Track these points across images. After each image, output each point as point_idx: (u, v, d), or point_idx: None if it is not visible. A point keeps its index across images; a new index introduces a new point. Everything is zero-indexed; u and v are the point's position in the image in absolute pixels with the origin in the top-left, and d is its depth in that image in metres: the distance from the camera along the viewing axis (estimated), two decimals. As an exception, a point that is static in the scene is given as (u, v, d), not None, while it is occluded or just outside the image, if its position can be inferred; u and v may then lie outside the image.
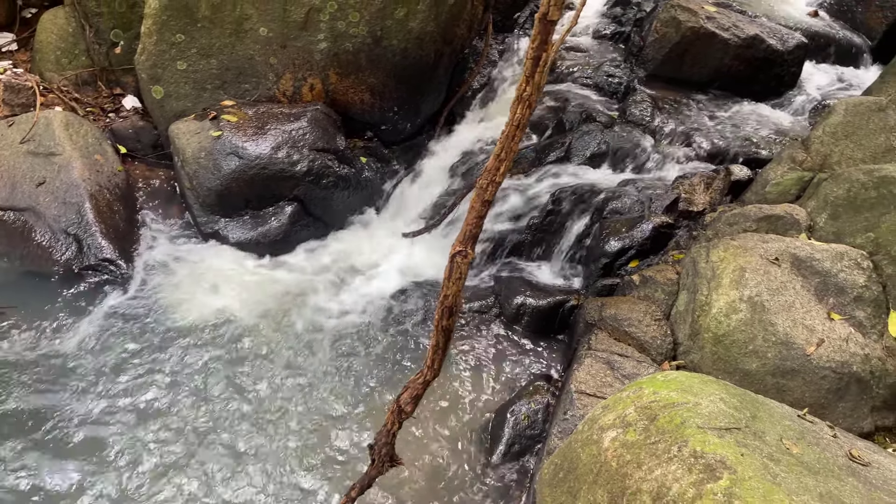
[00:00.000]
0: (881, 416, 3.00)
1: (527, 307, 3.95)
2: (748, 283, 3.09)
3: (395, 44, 4.37)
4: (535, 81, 1.65)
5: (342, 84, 4.50)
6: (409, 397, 2.27)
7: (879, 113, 3.84)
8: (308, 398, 3.40)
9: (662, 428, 1.89)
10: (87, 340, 3.50)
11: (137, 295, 3.80)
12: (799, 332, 2.96)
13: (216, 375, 3.44)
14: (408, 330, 3.89)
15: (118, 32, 4.72)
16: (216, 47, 4.29)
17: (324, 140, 4.30)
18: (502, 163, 1.83)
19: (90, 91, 4.77)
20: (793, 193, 3.79)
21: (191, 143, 4.18)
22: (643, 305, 3.50)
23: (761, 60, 4.96)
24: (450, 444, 3.28)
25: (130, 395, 3.27)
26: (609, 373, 3.18)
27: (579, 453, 2.13)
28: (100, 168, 4.15)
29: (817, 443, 2.00)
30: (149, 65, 4.31)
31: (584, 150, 4.54)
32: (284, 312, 3.85)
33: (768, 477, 1.62)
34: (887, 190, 3.29)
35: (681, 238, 3.96)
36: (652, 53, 5.13)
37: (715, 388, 2.07)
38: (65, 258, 3.82)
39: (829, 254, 3.17)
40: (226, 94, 4.43)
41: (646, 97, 4.82)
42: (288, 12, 4.23)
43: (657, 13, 5.16)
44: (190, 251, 4.14)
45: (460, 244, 1.98)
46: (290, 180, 4.19)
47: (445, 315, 2.10)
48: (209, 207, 4.21)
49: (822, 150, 3.82)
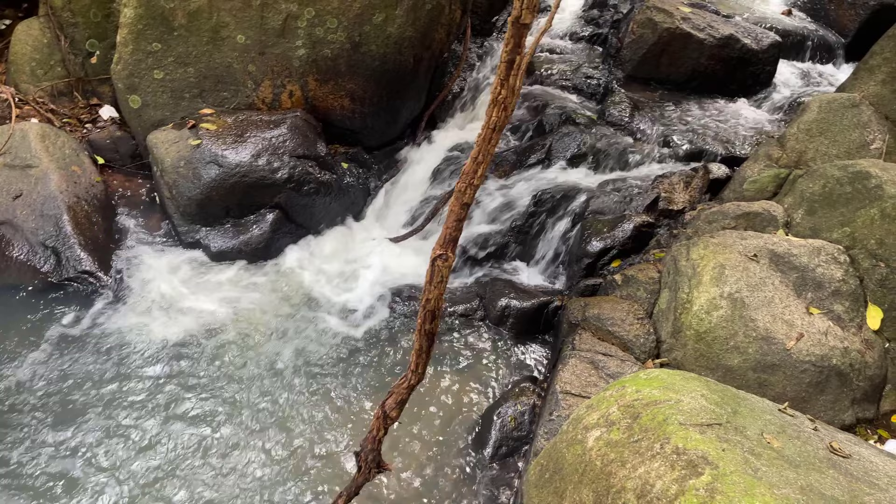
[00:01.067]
0: (862, 408, 3.04)
1: (511, 309, 3.96)
2: (728, 279, 3.12)
3: (374, 49, 4.37)
4: (510, 84, 1.66)
5: (322, 90, 4.49)
6: (393, 402, 2.27)
7: (853, 109, 3.90)
8: (292, 406, 3.38)
9: (645, 426, 1.90)
10: (65, 354, 3.46)
11: (117, 306, 3.76)
12: (779, 327, 2.99)
13: (197, 386, 3.41)
14: (392, 334, 3.89)
15: (94, 42, 4.68)
16: (193, 55, 4.27)
17: (304, 147, 4.29)
18: (479, 166, 1.84)
19: (66, 102, 4.73)
20: (770, 190, 3.83)
21: (170, 153, 4.15)
22: (626, 305, 3.53)
23: (736, 60, 5.03)
24: (437, 448, 3.27)
25: (108, 409, 3.23)
26: (593, 372, 3.19)
27: (564, 453, 2.14)
28: (77, 179, 4.11)
29: (798, 436, 2.02)
30: (125, 74, 4.28)
31: (564, 151, 4.57)
32: (267, 321, 3.83)
33: (749, 471, 1.64)
34: (862, 185, 3.34)
35: (661, 237, 3.99)
36: (629, 55, 5.18)
37: (696, 385, 2.09)
38: (44, 271, 3.78)
39: (807, 249, 3.21)
40: (204, 102, 4.40)
41: (624, 98, 4.87)
42: (265, 19, 4.22)
43: (633, 15, 5.21)
44: (171, 261, 4.11)
45: (441, 247, 1.98)
46: (271, 188, 4.17)
47: (428, 319, 2.10)
48: (190, 217, 4.18)
49: (797, 147, 3.88)
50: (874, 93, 3.96)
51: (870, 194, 3.30)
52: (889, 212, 3.22)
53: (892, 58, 3.95)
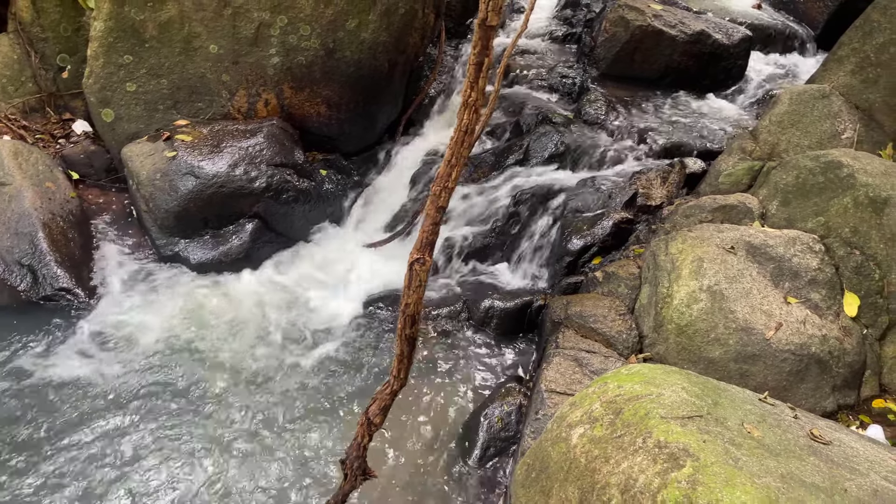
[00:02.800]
0: (843, 394, 3.09)
1: (495, 310, 3.97)
2: (706, 272, 3.15)
3: (349, 55, 4.36)
4: (480, 87, 1.67)
5: (297, 98, 4.48)
6: (377, 409, 2.26)
7: (823, 100, 3.96)
8: (274, 417, 3.36)
9: (627, 421, 1.91)
10: (44, 372, 3.41)
11: (96, 323, 3.71)
12: (758, 317, 3.03)
13: (177, 397, 3.37)
14: (375, 340, 3.88)
15: (65, 57, 4.63)
16: (166, 67, 4.24)
17: (281, 155, 4.27)
18: (454, 168, 1.84)
19: (39, 118, 4.67)
20: (745, 183, 3.88)
21: (145, 165, 4.12)
22: (607, 301, 3.55)
23: (708, 55, 5.09)
24: (425, 452, 3.27)
25: (85, 430, 3.18)
26: (578, 370, 3.21)
27: (550, 452, 2.15)
28: (52, 196, 4.06)
29: (778, 425, 2.04)
30: (97, 88, 4.24)
31: (541, 151, 4.59)
32: (248, 331, 3.80)
33: (730, 461, 1.65)
34: (834, 174, 3.39)
35: (641, 232, 4.02)
36: (603, 53, 5.21)
37: (677, 378, 2.11)
38: (20, 289, 3.72)
39: (782, 239, 3.25)
40: (179, 113, 4.37)
41: (600, 96, 4.90)
42: (237, 28, 4.20)
43: (606, 13, 5.25)
44: (150, 275, 4.07)
45: (418, 252, 1.98)
46: (250, 197, 4.15)
47: (408, 323, 2.10)
48: (168, 229, 4.15)
49: (769, 140, 3.93)
50: (844, 83, 4.02)
51: (842, 183, 3.35)
52: (861, 200, 3.28)
53: (859, 48, 4.01)
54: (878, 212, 3.22)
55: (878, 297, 3.18)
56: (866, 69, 3.94)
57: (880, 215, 3.22)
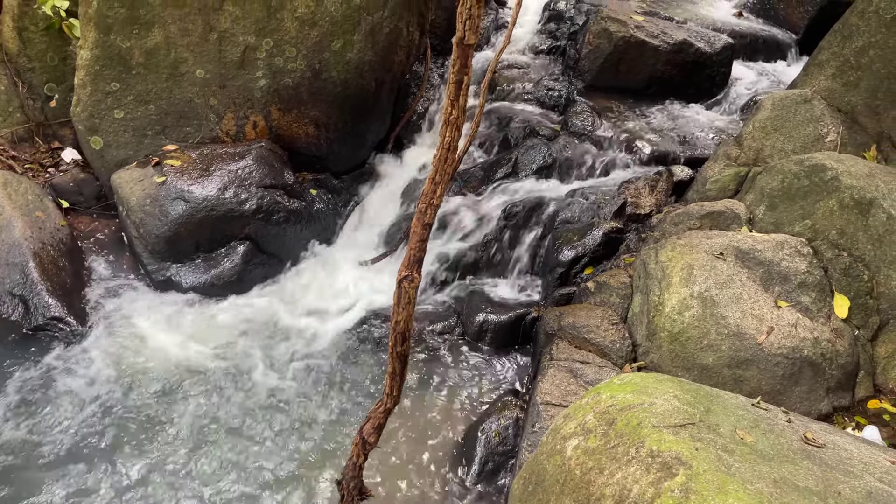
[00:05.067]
0: (837, 396, 3.09)
1: (489, 323, 3.97)
2: (697, 279, 3.16)
3: (335, 75, 4.40)
4: (461, 105, 1.69)
5: (285, 119, 4.50)
6: (371, 428, 2.26)
7: (805, 104, 4.01)
8: (270, 439, 3.34)
9: (620, 431, 1.91)
10: (37, 403, 3.39)
11: (90, 351, 3.70)
12: (749, 322, 3.04)
13: (174, 426, 3.35)
14: (368, 358, 3.87)
15: (52, 86, 4.66)
16: (153, 93, 4.26)
17: (271, 176, 4.29)
18: (438, 186, 1.86)
19: (27, 147, 4.68)
20: (731, 189, 3.91)
21: (135, 191, 4.12)
22: (600, 311, 3.56)
23: (692, 64, 5.14)
24: (422, 469, 3.26)
25: (77, 458, 3.16)
26: (573, 381, 3.21)
27: (545, 465, 2.14)
28: (42, 225, 4.05)
29: (772, 429, 2.05)
30: (85, 116, 4.25)
31: (530, 163, 4.62)
32: (241, 355, 3.79)
33: (722, 468, 1.65)
34: (818, 178, 3.42)
35: (631, 241, 4.04)
36: (588, 65, 5.26)
37: (669, 387, 2.11)
38: (12, 320, 3.71)
39: (770, 244, 3.27)
40: (167, 138, 4.39)
41: (586, 107, 4.94)
42: (224, 52, 4.23)
43: (589, 26, 5.31)
44: (142, 301, 4.06)
45: (406, 269, 2.00)
46: (240, 219, 4.15)
47: (399, 341, 2.11)
48: (159, 254, 4.14)
49: (754, 146, 3.96)
50: (825, 87, 4.07)
51: (827, 186, 3.38)
52: (847, 202, 3.30)
53: (839, 52, 4.06)
54: (863, 213, 3.25)
55: (867, 297, 3.19)
56: (847, 73, 3.99)
57: (866, 216, 3.25)
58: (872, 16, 3.89)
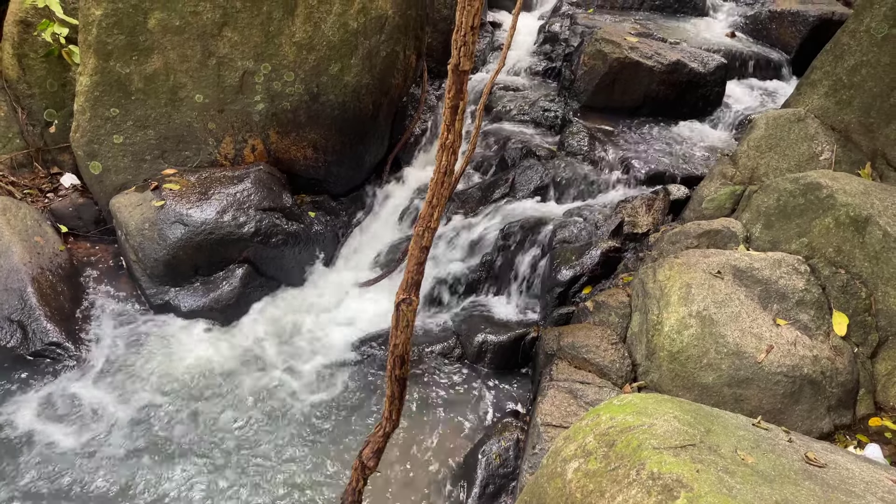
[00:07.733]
0: (838, 414, 3.08)
1: (488, 344, 3.96)
2: (695, 298, 3.17)
3: (333, 98, 4.43)
4: (456, 129, 1.71)
5: (284, 142, 4.53)
6: (370, 452, 2.25)
7: (799, 123, 4.04)
8: (269, 464, 3.32)
9: (621, 453, 1.90)
10: (36, 428, 3.37)
11: (89, 376, 3.68)
12: (748, 340, 3.04)
13: (173, 452, 3.33)
14: (367, 381, 3.85)
15: (51, 112, 4.69)
16: (152, 118, 4.29)
17: (269, 199, 4.31)
18: (435, 209, 1.87)
19: (27, 173, 4.71)
20: (728, 207, 3.93)
21: (134, 216, 4.14)
22: (599, 331, 3.55)
23: (685, 83, 5.19)
24: (423, 492, 3.23)
25: (77, 485, 3.14)
26: (573, 402, 3.20)
27: (546, 488, 2.13)
28: (41, 250, 4.06)
29: (773, 450, 2.04)
30: (84, 141, 4.28)
31: (527, 184, 4.64)
32: (241, 379, 3.78)
33: (724, 490, 1.64)
34: (814, 196, 3.44)
35: (629, 260, 4.05)
36: (583, 86, 5.32)
37: (669, 407, 2.10)
38: (10, 346, 3.70)
39: (768, 262, 3.28)
40: (166, 162, 4.41)
41: (582, 128, 4.98)
42: (222, 77, 4.27)
43: (584, 47, 5.37)
44: (141, 325, 4.05)
45: (404, 291, 2.00)
46: (239, 243, 4.16)
47: (397, 364, 2.10)
48: (157, 278, 4.15)
49: (749, 164, 3.99)
50: (818, 105, 4.11)
51: (822, 204, 3.40)
52: (843, 219, 3.32)
53: (832, 71, 4.11)
54: (860, 230, 3.27)
55: (866, 314, 3.20)
56: (840, 91, 4.03)
57: (862, 234, 3.26)
58: (864, 35, 3.94)
